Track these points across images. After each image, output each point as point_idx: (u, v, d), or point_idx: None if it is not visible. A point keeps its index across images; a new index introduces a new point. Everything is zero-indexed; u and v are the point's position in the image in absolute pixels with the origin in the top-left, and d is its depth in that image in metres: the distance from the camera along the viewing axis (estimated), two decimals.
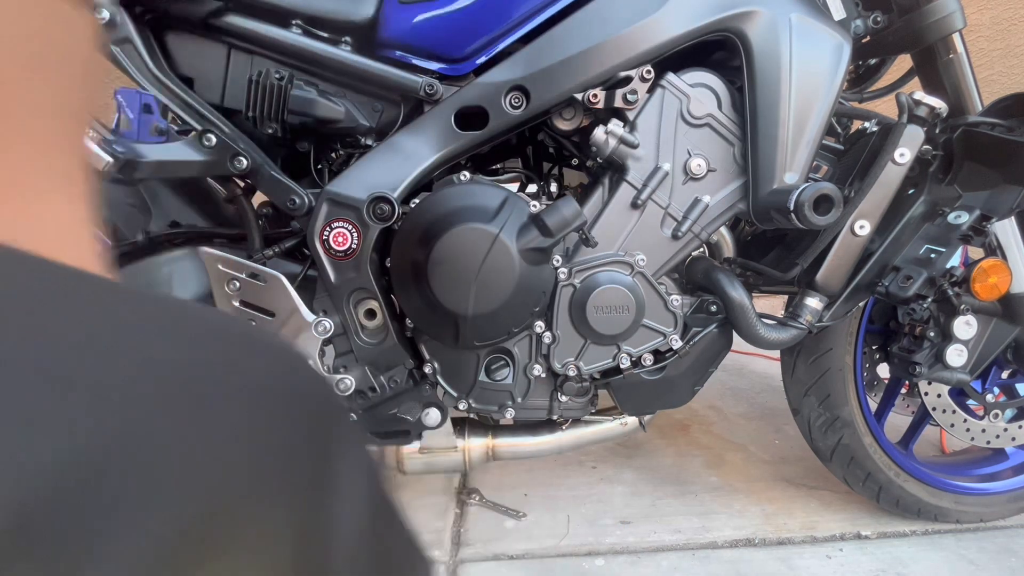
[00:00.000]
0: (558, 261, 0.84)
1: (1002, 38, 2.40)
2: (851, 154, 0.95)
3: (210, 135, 0.80)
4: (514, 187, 1.10)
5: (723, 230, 0.92)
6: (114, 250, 0.91)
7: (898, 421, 1.23)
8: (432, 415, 0.91)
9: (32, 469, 0.13)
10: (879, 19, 0.95)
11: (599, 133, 0.83)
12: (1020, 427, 1.11)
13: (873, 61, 1.12)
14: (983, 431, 1.10)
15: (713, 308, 0.90)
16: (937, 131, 0.93)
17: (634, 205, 0.85)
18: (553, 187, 1.00)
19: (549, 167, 1.16)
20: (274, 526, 0.18)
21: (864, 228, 0.85)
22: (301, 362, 0.23)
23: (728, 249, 0.94)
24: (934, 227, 0.92)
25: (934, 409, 1.09)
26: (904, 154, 0.83)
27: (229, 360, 0.20)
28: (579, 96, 0.82)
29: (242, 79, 0.85)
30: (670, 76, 0.84)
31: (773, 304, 2.08)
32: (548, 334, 0.87)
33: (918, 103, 0.86)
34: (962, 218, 0.89)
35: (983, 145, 0.89)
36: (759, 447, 1.47)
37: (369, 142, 0.88)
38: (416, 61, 0.85)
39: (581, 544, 1.07)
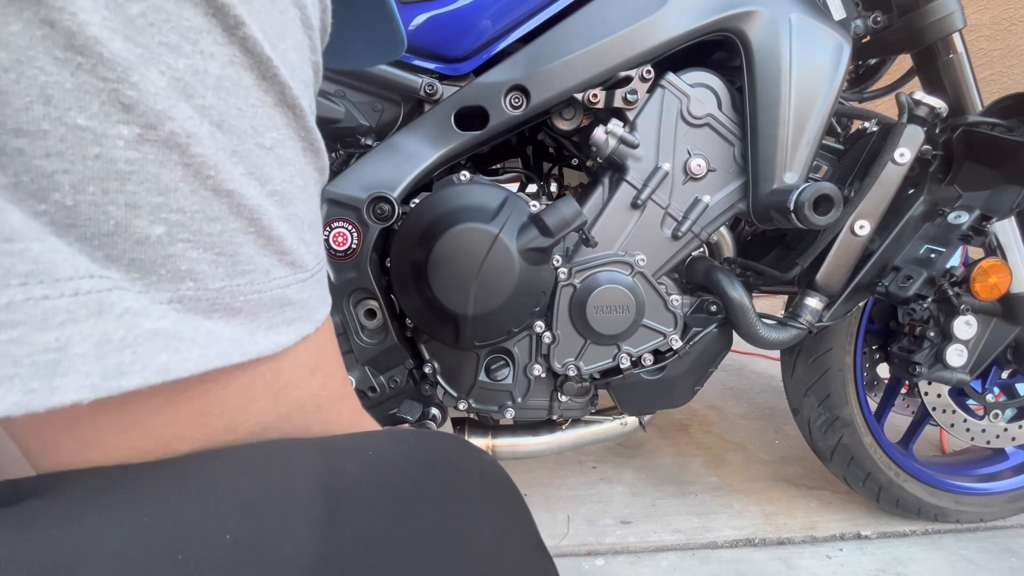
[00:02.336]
0: (558, 261, 0.84)
1: (1002, 38, 2.40)
2: (851, 154, 0.95)
3: None
4: (514, 187, 1.10)
5: (723, 230, 0.92)
6: None
7: (898, 421, 1.23)
8: (432, 415, 0.91)
9: None
10: (879, 19, 0.95)
11: (599, 133, 0.83)
12: (1020, 427, 1.11)
13: (873, 61, 1.12)
14: (983, 431, 1.10)
15: (713, 308, 0.90)
16: (937, 131, 0.93)
17: (634, 205, 0.85)
18: (553, 187, 1.00)
19: (549, 167, 1.16)
20: None
21: (864, 228, 0.85)
22: (477, 449, 0.32)
23: (728, 249, 0.94)
24: (934, 227, 0.92)
25: (934, 409, 1.09)
26: (904, 154, 0.83)
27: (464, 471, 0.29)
28: (579, 96, 0.82)
29: None
30: (670, 76, 0.84)
31: (773, 304, 2.09)
32: (548, 334, 0.87)
33: (918, 103, 0.86)
34: (962, 218, 0.89)
35: (983, 145, 0.89)
36: (759, 447, 1.48)
37: (369, 142, 0.88)
38: (416, 61, 0.85)
39: (581, 544, 1.07)
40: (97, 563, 0.18)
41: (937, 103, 0.86)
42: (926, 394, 1.09)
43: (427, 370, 0.89)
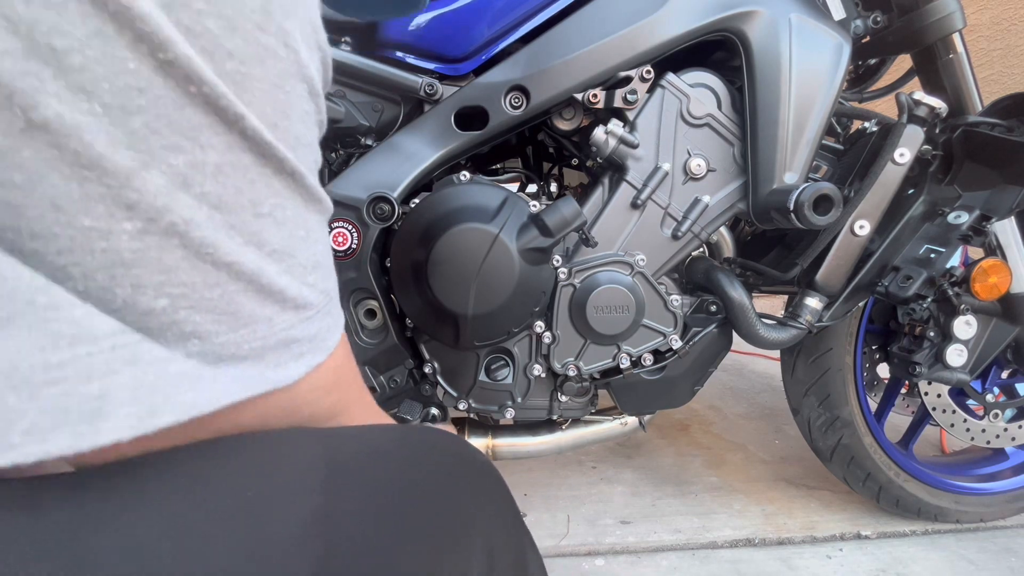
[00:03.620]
0: (558, 261, 0.84)
1: (1002, 38, 2.40)
2: (851, 154, 0.95)
3: None
4: (514, 187, 1.10)
5: (723, 230, 0.92)
6: None
7: (898, 421, 1.23)
8: (432, 415, 0.91)
9: None
10: (879, 19, 0.95)
11: (599, 133, 0.83)
12: (1020, 427, 1.11)
13: (873, 61, 1.11)
14: (983, 431, 1.10)
15: (713, 308, 0.90)
16: (937, 131, 0.93)
17: (634, 205, 0.85)
18: (553, 187, 1.00)
19: (549, 167, 1.16)
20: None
21: (864, 228, 0.85)
22: (462, 440, 0.36)
23: (728, 249, 0.94)
24: (934, 227, 0.91)
25: (934, 409, 1.09)
26: (904, 154, 0.83)
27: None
28: (579, 96, 0.82)
29: None
30: (670, 76, 0.84)
31: (773, 304, 2.09)
32: (548, 334, 0.87)
33: (918, 103, 0.86)
34: (962, 218, 0.89)
35: (983, 145, 0.89)
36: (759, 447, 1.48)
37: (369, 142, 0.88)
38: (416, 61, 0.85)
39: (581, 544, 1.07)
40: (159, 533, 0.21)
41: (937, 103, 0.86)
42: (926, 394, 1.09)
43: (427, 370, 0.89)
